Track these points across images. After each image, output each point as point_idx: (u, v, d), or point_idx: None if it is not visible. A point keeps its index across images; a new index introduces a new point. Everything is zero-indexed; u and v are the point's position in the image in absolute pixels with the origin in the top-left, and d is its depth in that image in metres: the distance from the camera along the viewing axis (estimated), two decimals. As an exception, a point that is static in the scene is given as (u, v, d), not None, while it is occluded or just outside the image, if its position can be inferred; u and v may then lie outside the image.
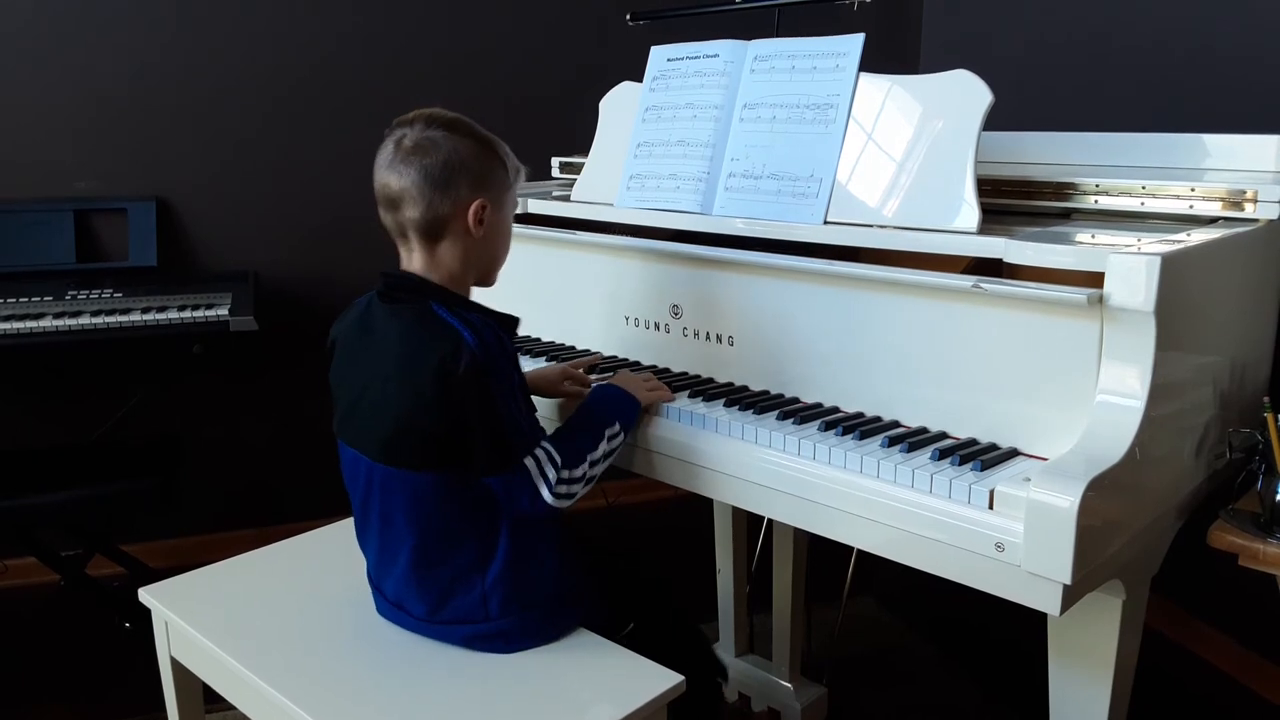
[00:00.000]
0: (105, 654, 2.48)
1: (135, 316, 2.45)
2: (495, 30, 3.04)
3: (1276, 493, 1.32)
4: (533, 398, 1.63)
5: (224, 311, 2.50)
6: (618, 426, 1.46)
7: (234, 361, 2.84)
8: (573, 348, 1.88)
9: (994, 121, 1.41)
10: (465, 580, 1.41)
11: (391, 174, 1.35)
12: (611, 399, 1.50)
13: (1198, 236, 1.32)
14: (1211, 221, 1.44)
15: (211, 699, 1.60)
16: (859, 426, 1.37)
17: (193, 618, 1.52)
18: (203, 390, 2.92)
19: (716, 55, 1.70)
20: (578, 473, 1.40)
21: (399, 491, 1.39)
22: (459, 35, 3.01)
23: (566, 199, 1.94)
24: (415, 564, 1.42)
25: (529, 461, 1.35)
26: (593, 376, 1.66)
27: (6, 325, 2.37)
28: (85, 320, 2.43)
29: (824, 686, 2.18)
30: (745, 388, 1.60)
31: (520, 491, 1.37)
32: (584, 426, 1.46)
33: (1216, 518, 1.36)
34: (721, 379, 1.64)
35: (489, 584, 1.41)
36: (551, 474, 1.36)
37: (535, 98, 3.05)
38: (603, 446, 1.44)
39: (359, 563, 1.56)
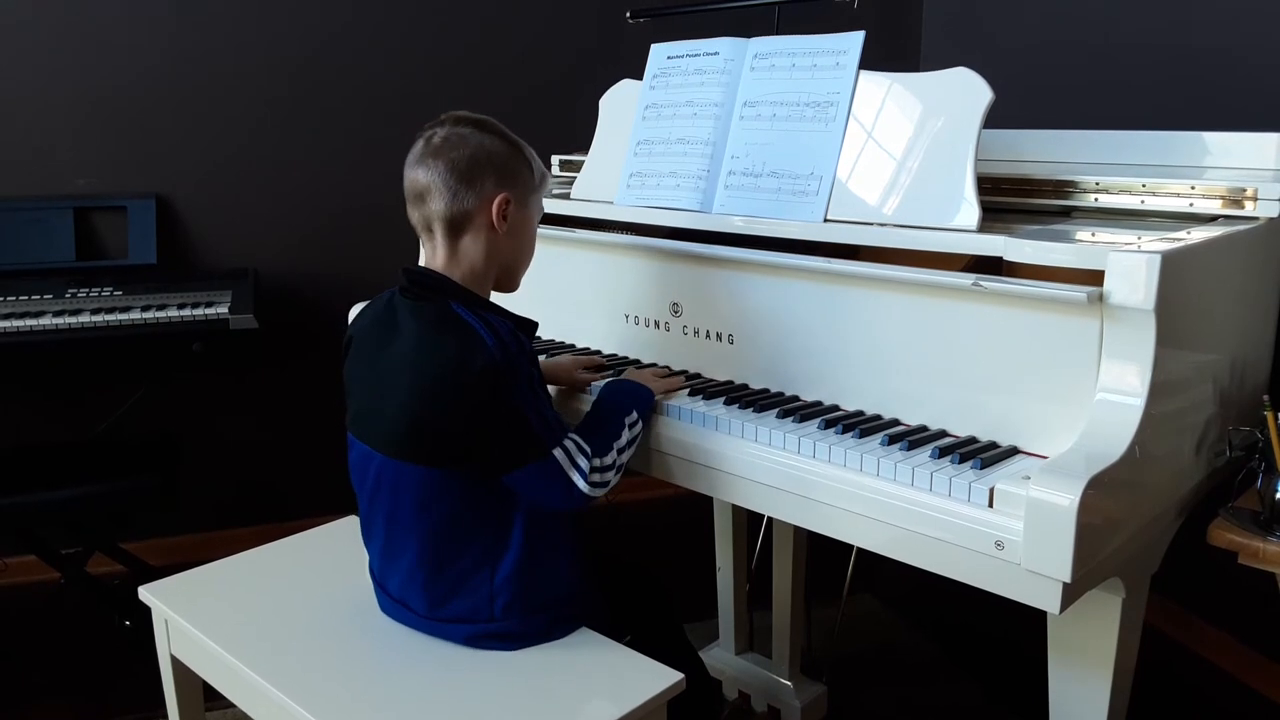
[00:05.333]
0: (105, 652, 2.48)
1: (135, 314, 2.45)
2: (495, 27, 3.04)
3: (1276, 491, 1.32)
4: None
5: (224, 310, 2.50)
6: (636, 414, 1.47)
7: (234, 359, 2.84)
8: (573, 345, 1.88)
9: (994, 119, 1.41)
10: (472, 579, 1.41)
11: (420, 168, 1.38)
12: (626, 390, 1.51)
13: (1198, 235, 1.32)
14: (1212, 220, 1.44)
15: (211, 697, 1.60)
16: (859, 424, 1.37)
17: (193, 616, 1.52)
18: (203, 388, 2.92)
19: (717, 53, 1.70)
20: (608, 460, 1.41)
21: (409, 489, 1.39)
22: (458, 32, 3.00)
23: (567, 197, 1.94)
24: (422, 561, 1.42)
25: (558, 453, 1.35)
26: (599, 376, 1.66)
27: (6, 323, 2.37)
28: (85, 318, 2.42)
29: (824, 685, 2.18)
30: (745, 386, 1.60)
31: (550, 485, 1.36)
32: (605, 418, 1.46)
33: (1216, 516, 1.36)
34: (721, 377, 1.64)
35: (497, 584, 1.41)
36: (584, 463, 1.37)
37: (535, 95, 3.05)
38: (626, 434, 1.45)
39: (360, 560, 1.56)
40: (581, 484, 1.37)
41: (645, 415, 1.50)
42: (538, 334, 1.91)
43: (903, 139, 1.46)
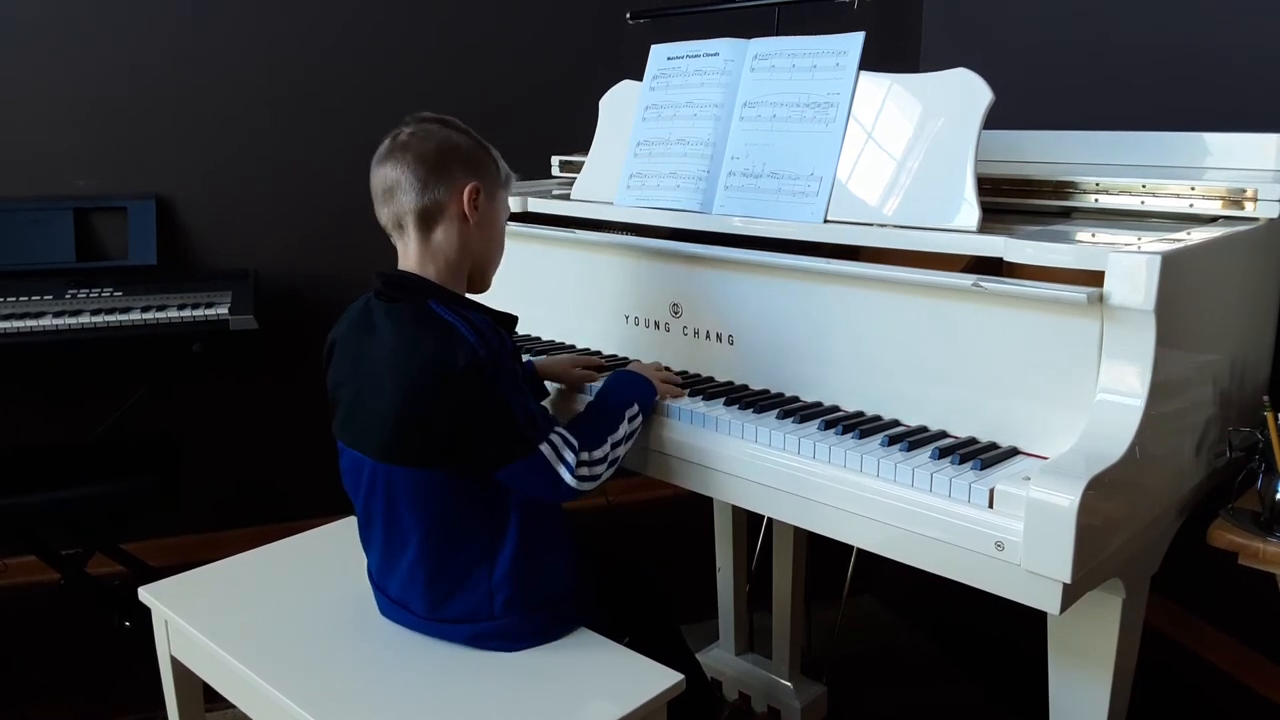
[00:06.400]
0: (105, 653, 2.48)
1: (135, 315, 2.45)
2: (494, 28, 3.04)
3: (1276, 491, 1.32)
4: (545, 384, 1.65)
5: (224, 310, 2.50)
6: (636, 408, 1.47)
7: (234, 360, 2.84)
8: (573, 346, 1.88)
9: (994, 120, 1.41)
10: (471, 578, 1.41)
11: (387, 164, 1.38)
12: (627, 383, 1.51)
13: (1198, 235, 1.32)
14: (1212, 220, 1.44)
15: (211, 698, 1.60)
16: (859, 425, 1.37)
17: (193, 617, 1.52)
18: (203, 389, 2.92)
19: (717, 54, 1.70)
20: (598, 454, 1.40)
21: (403, 490, 1.39)
22: (458, 33, 3.00)
23: (566, 198, 1.94)
24: (420, 562, 1.42)
25: (544, 447, 1.35)
26: (598, 376, 1.66)
27: (6, 324, 2.37)
28: (85, 319, 2.42)
29: (824, 685, 2.19)
30: (745, 386, 1.60)
31: (538, 479, 1.36)
32: (603, 410, 1.46)
33: (1216, 516, 1.36)
34: (721, 378, 1.64)
35: (495, 582, 1.41)
36: (570, 456, 1.37)
37: (535, 96, 3.05)
38: (624, 428, 1.45)
39: (360, 561, 1.56)
40: (569, 478, 1.37)
41: (646, 409, 1.50)
42: (538, 335, 1.93)
43: (903, 139, 1.46)
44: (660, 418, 1.52)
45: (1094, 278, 1.19)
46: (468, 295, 1.45)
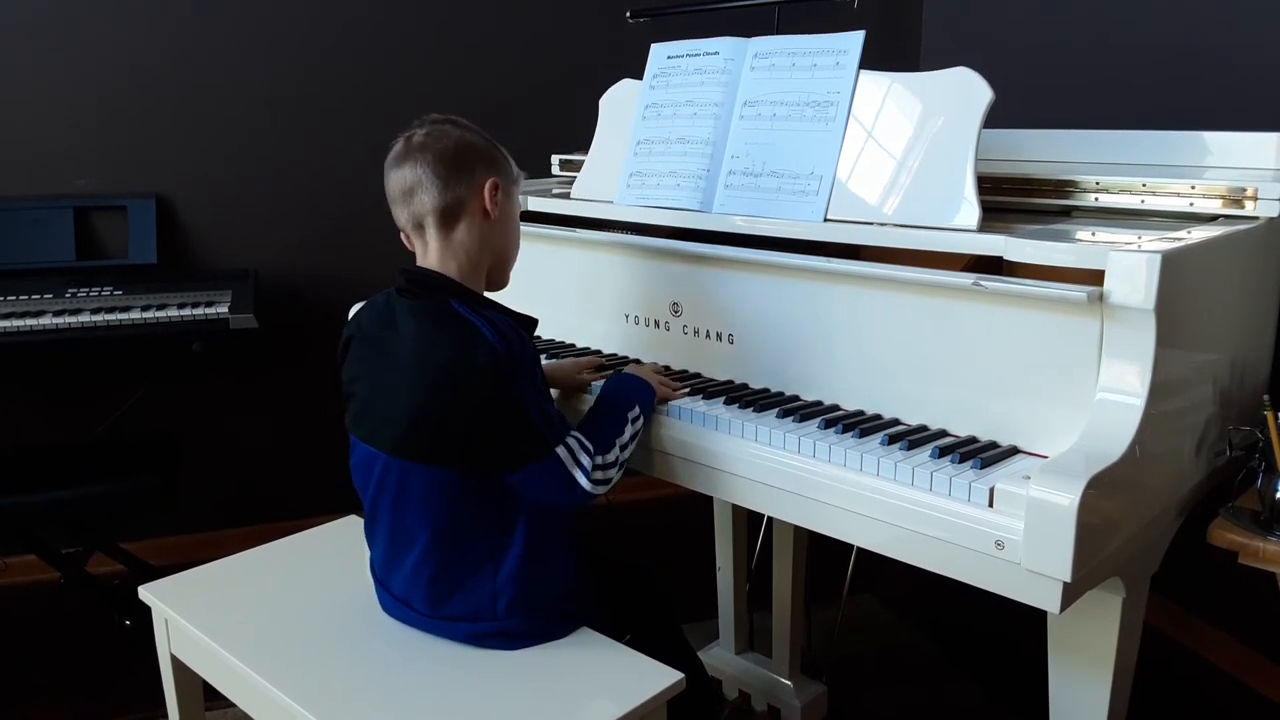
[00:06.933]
0: (105, 652, 2.48)
1: (135, 314, 2.45)
2: (495, 27, 3.04)
3: (1276, 490, 1.32)
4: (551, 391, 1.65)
5: (224, 309, 2.50)
6: (637, 409, 1.48)
7: (234, 359, 2.84)
8: (573, 345, 1.88)
9: (994, 119, 1.41)
10: (475, 578, 1.41)
11: (405, 166, 1.38)
12: (627, 385, 1.52)
13: (1198, 234, 1.32)
14: (1212, 219, 1.43)
15: (212, 697, 1.60)
16: (859, 424, 1.37)
17: (193, 615, 1.52)
18: (203, 388, 2.92)
19: (717, 53, 1.70)
20: (611, 458, 1.41)
21: (413, 488, 1.39)
22: (458, 32, 3.00)
23: (566, 197, 1.94)
24: (425, 560, 1.42)
25: (561, 450, 1.36)
26: (600, 376, 1.66)
27: (6, 323, 2.37)
28: (85, 318, 2.42)
29: (824, 685, 2.19)
30: (745, 385, 1.60)
31: (553, 483, 1.36)
32: (606, 415, 1.47)
33: (1216, 515, 1.36)
34: (721, 377, 1.64)
35: (500, 583, 1.41)
36: (586, 461, 1.37)
37: (535, 95, 3.05)
38: (628, 430, 1.45)
39: (361, 559, 1.56)
40: (584, 482, 1.37)
41: (647, 411, 1.50)
42: (538, 334, 1.93)
43: (903, 139, 1.46)
44: (660, 417, 1.52)
45: (1094, 277, 1.19)
46: (487, 294, 1.46)
